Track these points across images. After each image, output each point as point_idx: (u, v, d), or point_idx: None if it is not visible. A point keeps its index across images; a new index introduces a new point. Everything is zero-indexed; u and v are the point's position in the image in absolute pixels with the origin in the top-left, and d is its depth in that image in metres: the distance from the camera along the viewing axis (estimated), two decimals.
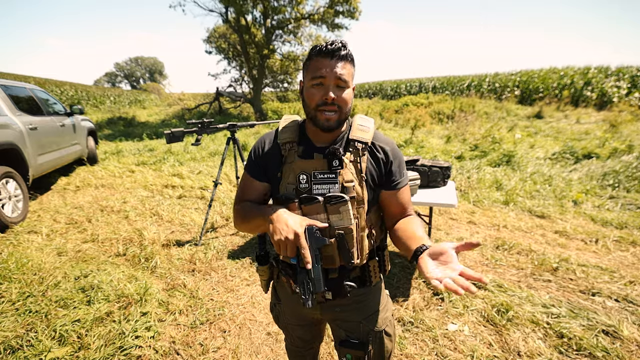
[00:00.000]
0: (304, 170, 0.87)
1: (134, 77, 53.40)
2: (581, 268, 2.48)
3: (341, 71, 0.81)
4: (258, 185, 0.95)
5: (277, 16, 13.91)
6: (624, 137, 6.52)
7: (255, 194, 0.95)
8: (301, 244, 0.74)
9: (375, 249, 0.96)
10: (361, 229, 0.87)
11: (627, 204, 3.74)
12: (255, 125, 3.32)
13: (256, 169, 0.95)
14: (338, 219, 0.83)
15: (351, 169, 0.86)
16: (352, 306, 0.95)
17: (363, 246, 0.88)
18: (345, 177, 0.85)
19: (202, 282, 2.41)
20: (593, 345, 1.72)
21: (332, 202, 0.82)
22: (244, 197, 0.97)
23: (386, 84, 20.97)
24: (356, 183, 0.85)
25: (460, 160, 6.06)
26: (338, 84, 0.82)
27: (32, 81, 14.01)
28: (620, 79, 11.90)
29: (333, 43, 0.81)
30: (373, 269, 0.94)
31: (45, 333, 1.79)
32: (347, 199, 0.82)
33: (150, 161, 6.43)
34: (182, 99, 20.89)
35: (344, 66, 0.82)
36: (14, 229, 3.28)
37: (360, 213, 0.86)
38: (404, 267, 2.57)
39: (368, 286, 0.95)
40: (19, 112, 3.89)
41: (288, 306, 1.05)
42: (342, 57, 0.82)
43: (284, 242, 0.75)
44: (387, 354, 0.99)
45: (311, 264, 0.75)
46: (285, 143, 0.91)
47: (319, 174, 0.86)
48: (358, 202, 0.86)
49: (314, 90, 0.83)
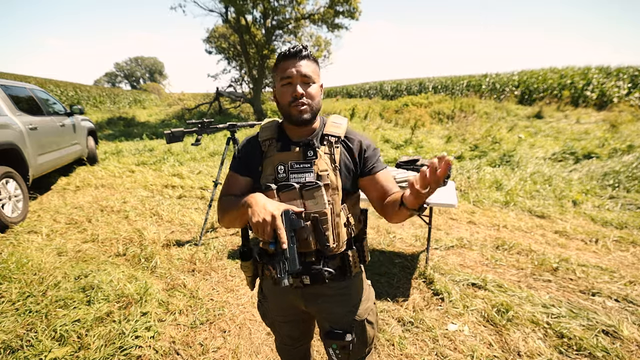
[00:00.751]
0: (282, 162, 0.95)
1: (134, 77, 53.42)
2: (581, 268, 2.48)
3: (305, 69, 0.91)
4: (241, 180, 1.01)
5: (277, 16, 13.90)
6: (624, 137, 6.52)
7: (239, 189, 1.00)
8: (277, 225, 0.79)
9: (353, 239, 1.01)
10: (336, 214, 0.93)
11: (627, 204, 3.74)
12: (255, 125, 3.31)
13: (239, 165, 1.02)
14: (313, 204, 0.90)
15: (325, 159, 0.94)
16: (335, 298, 1.01)
17: (339, 232, 0.94)
18: (320, 166, 0.93)
19: (202, 282, 2.41)
20: (593, 345, 1.72)
21: (306, 188, 0.89)
22: (228, 192, 1.01)
23: (386, 84, 20.96)
24: (330, 172, 0.93)
25: (460, 160, 6.06)
26: (304, 80, 0.91)
27: (32, 81, 14.01)
28: (620, 79, 11.90)
29: (295, 47, 0.92)
30: (353, 259, 0.99)
31: (45, 333, 1.79)
32: (321, 185, 0.89)
33: (150, 161, 6.43)
34: (182, 99, 20.89)
35: (307, 65, 0.92)
36: (14, 229, 3.28)
37: (335, 199, 0.93)
38: (403, 267, 2.57)
39: (349, 277, 1.00)
40: (19, 112, 3.89)
41: (273, 301, 1.09)
42: (304, 57, 0.92)
43: (262, 224, 0.79)
44: (369, 340, 1.06)
45: (286, 244, 0.80)
46: (264, 140, 1.00)
47: (295, 164, 0.94)
48: (332, 189, 0.93)
49: (284, 89, 0.92)
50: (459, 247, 2.92)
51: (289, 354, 1.26)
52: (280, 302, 1.08)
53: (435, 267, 2.51)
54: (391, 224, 3.45)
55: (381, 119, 11.77)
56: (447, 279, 2.36)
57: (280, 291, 1.04)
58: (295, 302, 1.05)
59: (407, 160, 2.74)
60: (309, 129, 0.99)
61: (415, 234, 3.19)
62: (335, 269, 0.97)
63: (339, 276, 0.98)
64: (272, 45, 14.70)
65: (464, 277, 2.37)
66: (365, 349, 1.06)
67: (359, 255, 1.02)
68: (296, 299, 1.03)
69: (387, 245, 2.98)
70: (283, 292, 1.04)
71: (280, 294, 1.05)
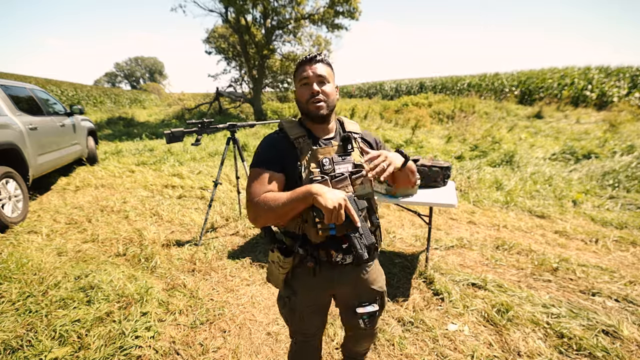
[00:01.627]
0: (325, 155, 1.05)
1: (134, 77, 53.40)
2: (581, 268, 2.48)
3: (319, 71, 1.03)
4: (277, 177, 1.04)
5: (277, 16, 13.89)
6: (624, 137, 6.52)
7: (274, 186, 1.02)
8: (349, 208, 0.92)
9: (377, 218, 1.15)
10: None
11: (627, 204, 3.74)
12: (255, 125, 3.32)
13: (273, 163, 1.04)
14: (361, 188, 1.05)
15: (357, 152, 1.09)
16: (366, 275, 1.14)
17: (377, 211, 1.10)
18: (356, 157, 1.08)
19: (202, 282, 2.41)
20: (593, 345, 1.72)
21: (354, 176, 1.03)
22: (264, 190, 1.01)
23: (386, 84, 20.96)
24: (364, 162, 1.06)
25: (460, 160, 6.06)
26: (319, 80, 1.03)
27: (32, 81, 14.01)
28: (621, 79, 11.89)
29: (311, 53, 1.06)
30: (379, 238, 1.15)
31: (45, 333, 1.79)
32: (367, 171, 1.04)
33: (150, 161, 6.43)
34: (182, 99, 20.87)
35: (321, 67, 1.04)
36: (14, 229, 3.28)
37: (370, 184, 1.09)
38: (403, 267, 2.57)
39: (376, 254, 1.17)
40: (19, 112, 3.89)
41: (304, 293, 1.13)
42: (319, 61, 1.05)
43: (336, 209, 0.88)
44: (385, 306, 1.24)
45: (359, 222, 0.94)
46: (297, 138, 1.06)
47: (337, 156, 1.06)
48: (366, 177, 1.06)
49: (303, 89, 1.05)
50: (459, 247, 2.92)
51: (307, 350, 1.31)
52: (311, 291, 1.13)
53: (435, 267, 2.51)
54: (391, 225, 3.45)
55: (381, 119, 11.77)
56: (447, 279, 2.36)
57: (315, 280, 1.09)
58: (326, 287, 1.12)
59: None
60: (330, 127, 1.11)
61: (415, 234, 3.19)
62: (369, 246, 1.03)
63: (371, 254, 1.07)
64: (272, 45, 14.69)
65: (464, 277, 2.37)
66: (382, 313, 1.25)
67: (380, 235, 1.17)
68: (326, 282, 1.10)
69: (387, 245, 2.98)
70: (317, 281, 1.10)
71: (313, 283, 1.11)
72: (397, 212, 3.77)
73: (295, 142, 1.05)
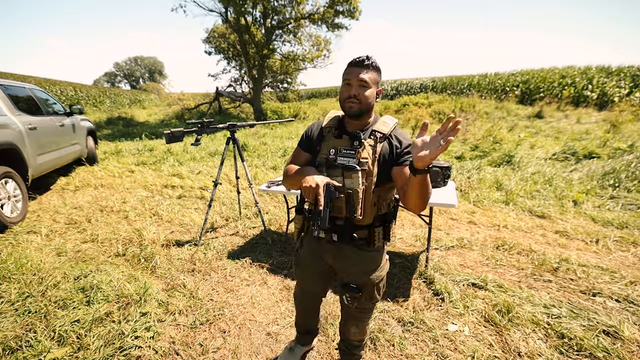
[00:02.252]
0: (334, 146, 1.21)
1: (133, 77, 53.34)
2: (582, 268, 2.48)
3: (363, 75, 1.14)
4: (303, 155, 1.31)
5: (277, 16, 13.88)
6: (625, 137, 6.51)
7: (301, 161, 1.31)
8: (319, 192, 1.09)
9: (380, 217, 1.23)
10: (367, 194, 1.17)
11: (627, 204, 3.74)
12: (255, 125, 3.31)
13: (305, 144, 1.32)
14: (350, 182, 1.15)
15: (369, 150, 1.17)
16: (358, 260, 1.26)
17: (367, 207, 1.18)
18: (363, 155, 1.16)
19: (202, 282, 2.40)
20: (594, 345, 1.71)
21: (347, 170, 1.14)
22: (293, 162, 1.32)
23: (386, 83, 20.96)
24: (370, 161, 1.15)
25: (460, 161, 6.05)
26: (361, 84, 1.14)
27: (31, 81, 14.00)
28: (622, 78, 11.89)
29: (360, 57, 1.16)
30: (377, 235, 1.23)
31: (44, 333, 1.79)
32: (359, 169, 1.13)
33: (150, 161, 6.43)
34: (182, 99, 20.85)
35: (366, 72, 1.14)
36: (13, 229, 3.27)
37: (369, 183, 1.16)
38: (404, 267, 2.57)
39: (372, 248, 1.25)
40: (18, 112, 3.88)
41: (308, 252, 1.38)
42: (366, 65, 1.15)
43: (309, 189, 1.11)
44: (375, 298, 1.30)
45: (322, 207, 1.08)
46: (327, 127, 1.27)
47: (343, 149, 1.19)
48: (368, 174, 1.15)
49: (344, 88, 1.18)
50: (459, 247, 2.91)
51: (303, 303, 1.55)
52: (313, 253, 1.36)
53: (435, 267, 2.51)
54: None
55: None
56: (448, 279, 2.35)
57: (316, 244, 1.33)
58: (325, 256, 1.32)
59: None
60: (362, 123, 1.22)
61: (415, 234, 3.19)
62: (363, 238, 1.22)
63: (364, 245, 1.24)
64: (272, 45, 14.67)
65: (464, 277, 2.37)
66: (371, 302, 1.31)
67: (383, 233, 1.25)
68: (327, 252, 1.30)
69: (387, 245, 2.97)
70: (318, 245, 1.32)
71: (316, 247, 1.33)
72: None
73: (324, 130, 1.27)
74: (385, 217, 1.25)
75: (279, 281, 2.43)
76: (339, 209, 1.17)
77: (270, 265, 2.63)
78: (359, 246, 1.24)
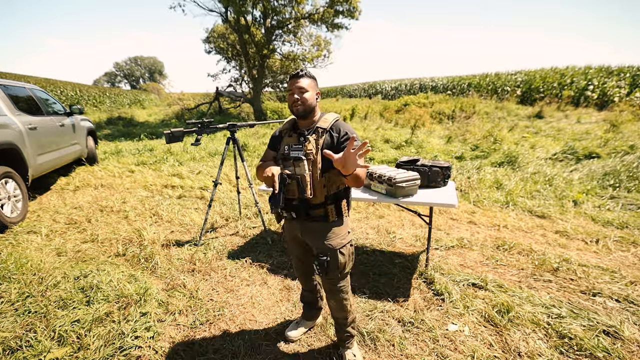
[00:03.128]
0: (287, 143, 1.50)
1: (133, 77, 53.33)
2: (582, 268, 2.48)
3: (301, 83, 1.43)
4: (271, 153, 1.61)
5: (277, 16, 13.87)
6: (625, 137, 6.51)
7: (269, 158, 1.60)
8: (275, 180, 1.38)
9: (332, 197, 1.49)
10: (315, 178, 1.43)
11: (628, 204, 3.73)
12: (255, 125, 3.31)
13: (271, 143, 1.61)
14: (299, 169, 1.42)
15: (313, 143, 1.43)
16: (319, 233, 1.52)
17: (317, 189, 1.44)
18: (308, 147, 1.42)
19: (201, 283, 2.40)
20: (594, 345, 1.71)
21: (296, 160, 1.42)
22: (263, 159, 1.62)
23: (387, 83, 20.95)
24: (314, 152, 1.42)
25: (460, 161, 6.05)
26: (300, 90, 1.43)
27: (31, 81, 14.00)
28: (622, 78, 11.87)
29: (295, 71, 1.46)
30: (330, 212, 1.49)
31: (44, 333, 1.79)
32: (304, 159, 1.40)
33: (150, 161, 6.43)
34: (182, 99, 20.83)
35: (303, 80, 1.43)
36: (13, 229, 3.27)
37: (315, 169, 1.42)
38: (404, 267, 2.57)
39: (329, 222, 1.51)
40: (18, 111, 3.88)
41: (287, 230, 1.68)
42: (301, 76, 1.44)
43: (268, 178, 1.39)
44: (341, 266, 1.53)
45: (277, 191, 1.38)
46: (284, 130, 1.58)
47: (293, 145, 1.48)
48: (313, 162, 1.42)
49: (290, 97, 1.46)
50: (460, 247, 2.91)
51: (300, 268, 1.78)
52: (289, 230, 1.65)
53: (435, 267, 2.51)
54: (391, 225, 3.44)
55: (382, 119, 11.76)
56: (448, 279, 2.35)
57: (289, 223, 1.62)
58: (295, 231, 1.60)
59: (407, 160, 2.73)
60: (308, 121, 1.50)
61: (415, 234, 3.18)
62: (319, 216, 1.49)
63: (322, 220, 1.50)
64: (271, 45, 14.66)
65: (465, 277, 2.37)
66: (338, 272, 1.53)
67: (336, 210, 1.50)
68: (297, 230, 1.58)
69: (387, 245, 2.98)
70: (291, 225, 1.61)
71: (290, 226, 1.63)
72: (397, 212, 3.77)
73: (282, 132, 1.58)
74: (336, 196, 1.50)
75: (279, 281, 2.43)
76: (292, 191, 1.44)
77: (270, 265, 2.63)
78: (319, 221, 1.50)
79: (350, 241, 1.57)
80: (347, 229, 1.57)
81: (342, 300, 1.60)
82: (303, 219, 1.51)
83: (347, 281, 1.61)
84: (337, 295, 1.59)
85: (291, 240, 1.68)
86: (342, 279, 1.57)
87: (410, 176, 2.34)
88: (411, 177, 2.33)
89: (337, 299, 1.60)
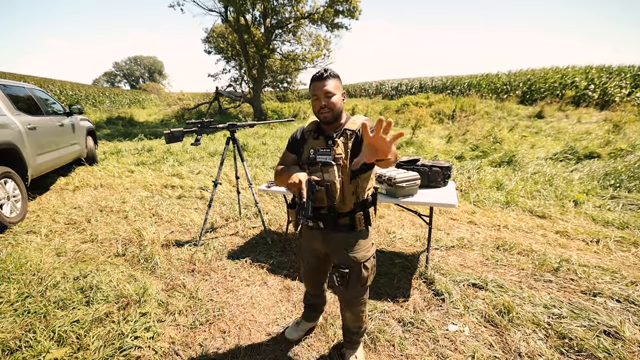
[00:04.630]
0: (313, 147, 1.39)
1: (133, 77, 53.27)
2: (582, 268, 2.47)
3: (327, 87, 1.31)
4: (290, 156, 1.49)
5: (276, 16, 13.86)
6: (626, 137, 6.51)
7: (288, 162, 1.48)
8: (302, 187, 1.25)
9: (360, 204, 1.40)
10: (345, 185, 1.34)
11: (628, 204, 3.73)
12: (255, 125, 3.30)
13: (291, 146, 1.49)
14: (328, 176, 1.32)
15: (341, 147, 1.34)
16: (344, 243, 1.43)
17: (346, 196, 1.36)
18: (337, 151, 1.33)
19: (201, 283, 2.40)
20: (594, 346, 1.71)
21: (325, 165, 1.32)
22: (282, 163, 1.49)
23: (386, 83, 20.95)
24: (343, 156, 1.33)
25: (460, 161, 6.05)
26: (327, 95, 1.31)
27: (31, 81, 13.99)
28: (623, 78, 11.86)
29: (319, 72, 1.33)
30: (359, 220, 1.41)
31: (44, 334, 1.79)
32: (334, 164, 1.31)
33: (150, 161, 6.42)
34: (182, 99, 20.84)
35: (328, 83, 1.31)
36: (12, 229, 3.27)
37: (345, 175, 1.33)
38: (404, 268, 2.56)
39: (355, 231, 1.42)
40: (18, 111, 3.88)
41: (305, 239, 1.59)
42: (326, 77, 1.31)
43: (294, 185, 1.26)
44: (363, 280, 1.45)
45: (305, 199, 1.24)
46: (307, 131, 1.47)
47: (320, 148, 1.37)
48: (342, 167, 1.33)
49: (314, 102, 1.35)
50: (460, 247, 2.91)
51: (311, 277, 1.71)
52: (309, 240, 1.56)
53: (435, 268, 2.50)
54: (391, 225, 3.44)
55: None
56: (448, 279, 2.35)
57: (310, 232, 1.52)
58: (317, 242, 1.51)
59: (407, 160, 2.72)
60: (335, 125, 1.39)
61: (415, 234, 3.18)
62: (346, 224, 1.40)
63: (348, 230, 1.41)
64: (271, 45, 14.66)
65: (465, 277, 2.36)
66: (359, 285, 1.46)
67: (364, 218, 1.41)
68: (318, 240, 1.49)
69: (387, 245, 2.97)
70: (311, 234, 1.51)
71: (310, 235, 1.53)
72: (397, 212, 3.76)
73: (305, 134, 1.46)
74: (364, 203, 1.41)
75: (279, 281, 2.42)
76: (321, 199, 1.33)
77: (270, 265, 2.63)
78: (344, 231, 1.41)
79: (374, 254, 1.49)
80: (372, 240, 1.50)
81: (359, 312, 1.56)
82: (330, 229, 1.41)
83: (367, 292, 1.56)
84: (355, 307, 1.54)
85: (308, 248, 1.60)
86: (363, 292, 1.51)
87: (411, 176, 2.34)
88: (411, 177, 2.33)
89: (355, 311, 1.55)
